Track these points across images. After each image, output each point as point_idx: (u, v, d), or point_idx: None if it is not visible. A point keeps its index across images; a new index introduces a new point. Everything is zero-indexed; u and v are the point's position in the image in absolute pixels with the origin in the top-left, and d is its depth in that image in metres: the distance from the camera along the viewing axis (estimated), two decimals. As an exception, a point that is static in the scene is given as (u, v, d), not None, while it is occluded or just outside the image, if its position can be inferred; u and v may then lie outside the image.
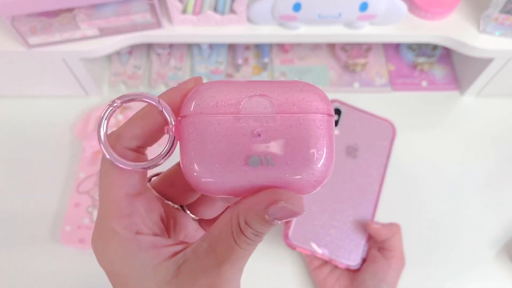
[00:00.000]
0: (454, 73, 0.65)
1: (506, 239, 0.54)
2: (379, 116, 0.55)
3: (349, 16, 0.51)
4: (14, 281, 0.53)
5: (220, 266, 0.21)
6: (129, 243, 0.22)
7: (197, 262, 0.22)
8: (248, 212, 0.21)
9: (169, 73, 0.65)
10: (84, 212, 0.54)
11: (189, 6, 0.51)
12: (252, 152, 0.21)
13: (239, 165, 0.21)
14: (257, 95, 0.22)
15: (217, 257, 0.22)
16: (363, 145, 0.53)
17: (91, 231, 0.52)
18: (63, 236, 0.53)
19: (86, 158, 0.57)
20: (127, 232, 0.22)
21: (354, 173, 0.52)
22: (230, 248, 0.21)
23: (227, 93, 0.22)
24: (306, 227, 0.50)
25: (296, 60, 0.66)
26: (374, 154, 0.53)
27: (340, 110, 0.55)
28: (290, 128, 0.21)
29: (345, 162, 0.52)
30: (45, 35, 0.51)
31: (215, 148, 0.21)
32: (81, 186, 0.56)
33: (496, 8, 0.50)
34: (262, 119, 0.22)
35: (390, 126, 0.55)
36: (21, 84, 0.61)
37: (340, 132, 0.54)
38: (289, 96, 0.22)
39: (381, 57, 0.67)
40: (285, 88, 0.22)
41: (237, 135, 0.21)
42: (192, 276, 0.22)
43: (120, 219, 0.22)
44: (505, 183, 0.58)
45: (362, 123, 0.54)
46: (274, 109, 0.22)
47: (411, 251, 0.50)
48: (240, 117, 0.22)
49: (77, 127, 0.61)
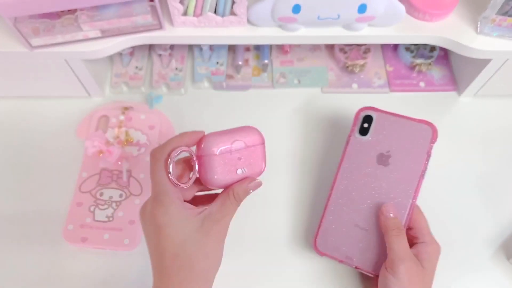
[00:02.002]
0: (452, 74, 0.66)
1: (503, 238, 0.55)
2: (417, 119, 0.51)
3: (348, 18, 0.52)
4: (17, 279, 0.53)
5: (224, 218, 0.41)
6: (180, 206, 0.40)
7: (212, 217, 0.41)
8: (236, 189, 0.42)
9: (170, 74, 0.65)
10: (87, 211, 0.55)
11: (190, 8, 0.52)
12: (237, 167, 0.42)
13: (233, 173, 0.42)
14: (236, 140, 0.42)
15: (221, 213, 0.41)
16: (397, 152, 0.50)
17: (94, 230, 0.53)
18: (65, 235, 0.54)
19: (88, 158, 0.58)
20: (179, 201, 0.41)
21: (385, 181, 0.50)
22: (228, 207, 0.41)
23: (220, 141, 0.41)
24: (334, 235, 0.50)
25: (296, 61, 0.67)
26: (408, 161, 0.50)
27: (372, 117, 0.52)
28: (252, 152, 0.43)
29: (376, 170, 0.50)
30: (48, 36, 0.51)
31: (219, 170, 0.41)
32: (83, 186, 0.56)
33: (494, 10, 0.50)
34: (241, 151, 0.42)
35: (429, 128, 0.50)
36: (24, 85, 0.61)
37: (372, 140, 0.51)
38: (249, 137, 0.43)
39: (380, 58, 0.67)
40: (247, 132, 0.43)
41: (230, 159, 0.42)
42: (210, 225, 0.40)
43: (176, 195, 0.41)
44: (502, 182, 0.58)
45: (396, 129, 0.51)
46: (245, 144, 0.42)
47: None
48: (231, 151, 0.42)
49: (79, 127, 0.61)
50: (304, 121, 0.62)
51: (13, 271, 0.54)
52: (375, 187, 0.50)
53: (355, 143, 0.52)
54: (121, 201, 0.56)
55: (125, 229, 0.54)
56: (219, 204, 0.41)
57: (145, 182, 0.57)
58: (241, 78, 0.65)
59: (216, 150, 0.41)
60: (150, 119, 0.60)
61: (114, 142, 0.58)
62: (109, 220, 0.55)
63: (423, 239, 0.47)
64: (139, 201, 0.56)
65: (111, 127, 0.60)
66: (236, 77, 0.66)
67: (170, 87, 0.64)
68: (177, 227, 0.39)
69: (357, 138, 0.52)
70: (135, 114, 0.61)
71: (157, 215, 0.40)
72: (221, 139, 0.41)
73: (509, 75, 0.59)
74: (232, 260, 0.47)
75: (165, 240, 0.39)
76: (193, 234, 0.39)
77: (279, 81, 0.65)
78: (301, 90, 0.65)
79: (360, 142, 0.51)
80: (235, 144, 0.41)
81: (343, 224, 0.50)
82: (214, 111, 0.64)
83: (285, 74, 0.66)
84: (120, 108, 0.61)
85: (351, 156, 0.51)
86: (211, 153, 0.41)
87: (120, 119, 0.60)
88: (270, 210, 0.57)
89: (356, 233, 0.49)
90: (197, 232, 0.40)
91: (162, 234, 0.39)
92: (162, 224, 0.39)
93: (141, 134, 0.60)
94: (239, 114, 0.63)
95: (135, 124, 0.60)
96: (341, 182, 0.51)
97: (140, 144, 0.59)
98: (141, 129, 0.60)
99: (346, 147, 0.52)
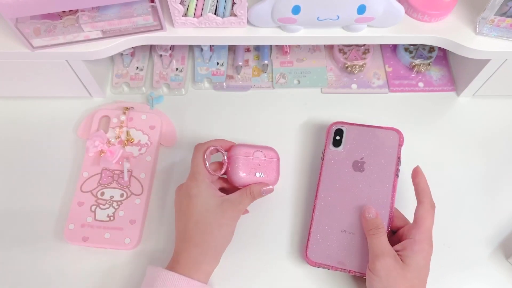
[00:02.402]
0: (451, 74, 0.66)
1: (502, 238, 0.55)
2: (383, 126, 0.56)
3: (347, 19, 0.52)
4: (18, 279, 0.53)
5: (239, 205, 0.51)
6: (209, 185, 0.51)
7: (230, 200, 0.51)
8: (253, 188, 0.52)
9: (171, 75, 0.66)
10: (88, 211, 0.55)
11: (191, 9, 0.52)
12: (256, 171, 0.53)
13: (252, 174, 0.53)
14: (257, 151, 0.54)
15: (238, 200, 0.51)
16: (370, 158, 0.54)
17: (95, 230, 0.54)
18: (67, 235, 0.54)
19: (89, 158, 0.58)
20: (209, 181, 0.51)
21: (363, 185, 0.53)
22: (244, 198, 0.51)
23: (245, 148, 0.54)
24: (324, 244, 0.52)
25: (295, 62, 0.67)
26: (381, 164, 0.54)
27: (342, 130, 0.56)
28: (269, 163, 0.54)
29: (353, 176, 0.54)
30: (49, 37, 0.51)
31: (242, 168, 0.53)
32: (85, 185, 0.57)
33: (492, 10, 0.50)
34: (260, 160, 0.53)
35: (396, 133, 0.55)
36: (25, 85, 0.62)
37: (345, 150, 0.55)
38: (268, 152, 0.55)
39: (379, 59, 0.67)
40: (267, 149, 0.55)
41: (251, 163, 0.53)
42: (227, 205, 0.50)
43: (208, 177, 0.51)
44: (500, 182, 0.59)
45: (366, 138, 0.56)
46: (264, 156, 0.54)
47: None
48: (253, 157, 0.53)
49: (81, 127, 0.62)
50: (304, 121, 0.63)
51: (13, 270, 0.54)
52: (355, 192, 0.53)
53: (330, 154, 0.56)
54: (122, 200, 0.56)
55: (126, 228, 0.54)
56: (238, 194, 0.51)
57: (145, 182, 0.57)
58: (241, 79, 0.66)
59: (242, 153, 0.53)
60: (151, 119, 0.61)
61: (115, 142, 0.59)
62: (110, 219, 0.55)
63: (413, 236, 0.47)
64: (139, 200, 0.56)
65: (112, 127, 0.60)
66: (236, 78, 0.66)
67: (170, 88, 0.65)
68: (203, 199, 0.49)
69: (332, 150, 0.56)
70: (136, 114, 0.61)
71: (191, 187, 0.50)
72: (246, 147, 0.54)
73: (507, 76, 0.59)
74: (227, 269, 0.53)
75: (193, 207, 0.49)
76: (214, 208, 0.49)
77: (279, 81, 0.66)
78: (300, 90, 0.65)
79: (335, 153, 0.56)
80: (256, 153, 0.53)
81: (331, 231, 0.52)
82: (214, 111, 0.64)
83: (285, 74, 0.66)
84: (121, 108, 0.61)
85: (329, 167, 0.55)
86: (238, 154, 0.52)
87: (121, 119, 0.60)
88: (270, 213, 0.57)
89: (344, 238, 0.51)
90: (217, 207, 0.49)
91: (192, 202, 0.49)
92: (192, 195, 0.50)
93: (142, 134, 0.60)
94: (239, 114, 0.64)
95: (136, 124, 0.60)
96: (323, 192, 0.54)
97: (141, 144, 0.59)
98: (142, 129, 0.60)
99: (323, 159, 0.56)
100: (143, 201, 0.56)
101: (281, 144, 0.59)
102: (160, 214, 0.57)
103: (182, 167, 0.59)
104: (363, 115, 0.62)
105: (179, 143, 0.62)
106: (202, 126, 0.63)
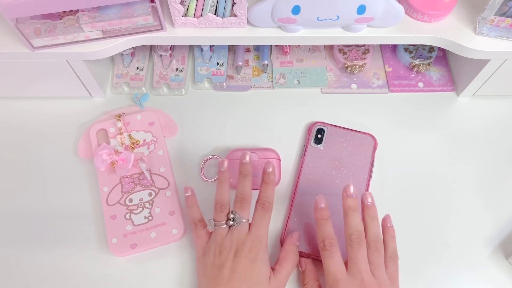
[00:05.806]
0: (450, 75, 0.66)
1: (501, 238, 0.55)
2: (361, 131, 0.60)
3: (347, 19, 0.52)
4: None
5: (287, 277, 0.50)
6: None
7: (278, 279, 0.49)
8: (289, 251, 0.52)
9: (171, 75, 0.66)
10: (124, 220, 0.54)
11: (191, 9, 0.52)
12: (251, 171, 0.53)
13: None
14: (252, 153, 0.56)
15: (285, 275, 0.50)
16: (347, 158, 0.58)
17: (138, 234, 0.54)
18: (112, 249, 0.53)
19: (102, 173, 0.57)
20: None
21: (339, 182, 0.56)
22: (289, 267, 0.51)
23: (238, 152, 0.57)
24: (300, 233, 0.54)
25: (295, 62, 0.67)
26: (357, 165, 0.58)
27: (324, 130, 0.60)
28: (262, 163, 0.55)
29: (331, 174, 0.57)
30: (49, 37, 0.52)
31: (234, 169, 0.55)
32: (109, 199, 0.56)
33: (492, 11, 0.50)
34: (254, 160, 0.56)
35: (371, 138, 0.59)
36: (25, 86, 0.62)
37: (325, 148, 0.59)
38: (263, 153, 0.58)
39: (379, 59, 0.68)
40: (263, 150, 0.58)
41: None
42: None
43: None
44: (500, 182, 0.59)
45: (345, 139, 0.59)
46: (258, 157, 0.57)
47: (407, 250, 0.51)
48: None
49: (80, 148, 0.60)
50: (303, 121, 0.63)
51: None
52: (332, 187, 0.56)
53: (311, 151, 0.59)
54: (153, 199, 0.56)
55: (169, 221, 0.54)
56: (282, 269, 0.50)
57: (168, 174, 0.57)
58: (241, 79, 0.66)
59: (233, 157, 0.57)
60: (147, 117, 0.61)
61: (122, 149, 0.58)
62: (149, 220, 0.55)
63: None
64: (169, 192, 0.56)
65: (112, 137, 0.59)
66: (236, 78, 0.66)
67: (170, 88, 0.65)
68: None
69: (313, 147, 0.59)
70: (131, 117, 0.61)
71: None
72: (240, 150, 0.57)
73: (507, 76, 0.59)
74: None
75: None
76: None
77: (279, 81, 0.66)
78: (300, 90, 0.65)
79: (316, 150, 0.59)
80: (252, 154, 0.55)
81: (307, 222, 0.54)
82: (214, 111, 0.64)
83: (285, 74, 0.66)
84: (113, 117, 0.60)
85: (309, 162, 0.58)
86: (232, 158, 0.57)
87: (118, 126, 0.60)
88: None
89: None
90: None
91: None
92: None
93: (145, 133, 0.60)
94: (239, 114, 0.64)
95: (134, 127, 0.60)
96: (302, 185, 0.57)
97: (148, 143, 0.59)
98: (142, 129, 0.60)
99: (305, 154, 0.59)
100: (173, 192, 0.56)
101: (281, 144, 0.59)
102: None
103: (192, 150, 0.60)
104: (363, 115, 0.62)
105: (181, 131, 0.62)
106: (202, 126, 0.63)
